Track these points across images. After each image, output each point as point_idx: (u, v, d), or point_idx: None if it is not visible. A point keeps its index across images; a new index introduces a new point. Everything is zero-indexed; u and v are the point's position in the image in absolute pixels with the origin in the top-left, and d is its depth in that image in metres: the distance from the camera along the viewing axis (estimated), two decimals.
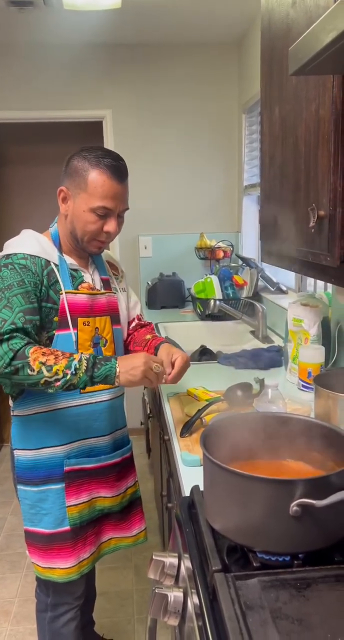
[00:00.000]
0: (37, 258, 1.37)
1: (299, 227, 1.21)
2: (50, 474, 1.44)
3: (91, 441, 1.49)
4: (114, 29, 2.96)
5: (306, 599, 0.77)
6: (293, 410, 1.43)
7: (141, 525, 1.64)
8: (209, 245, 3.34)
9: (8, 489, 3.18)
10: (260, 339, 2.44)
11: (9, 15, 2.70)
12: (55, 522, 1.45)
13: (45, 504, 1.45)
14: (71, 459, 1.45)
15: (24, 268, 1.34)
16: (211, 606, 0.79)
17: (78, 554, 1.47)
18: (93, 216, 1.37)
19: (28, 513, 1.48)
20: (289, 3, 1.19)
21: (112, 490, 1.54)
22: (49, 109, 3.34)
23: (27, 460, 1.45)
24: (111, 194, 1.36)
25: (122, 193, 1.39)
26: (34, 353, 1.26)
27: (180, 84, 3.37)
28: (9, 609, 2.26)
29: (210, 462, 0.89)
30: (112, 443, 1.54)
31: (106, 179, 1.35)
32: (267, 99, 1.44)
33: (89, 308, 1.43)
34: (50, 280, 1.38)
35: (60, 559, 1.46)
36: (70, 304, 1.39)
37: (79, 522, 1.47)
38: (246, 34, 3.14)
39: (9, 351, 1.26)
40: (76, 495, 1.46)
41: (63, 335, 1.39)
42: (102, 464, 1.51)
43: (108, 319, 1.48)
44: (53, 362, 1.25)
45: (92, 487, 1.50)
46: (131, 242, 3.52)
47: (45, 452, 1.44)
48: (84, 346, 1.42)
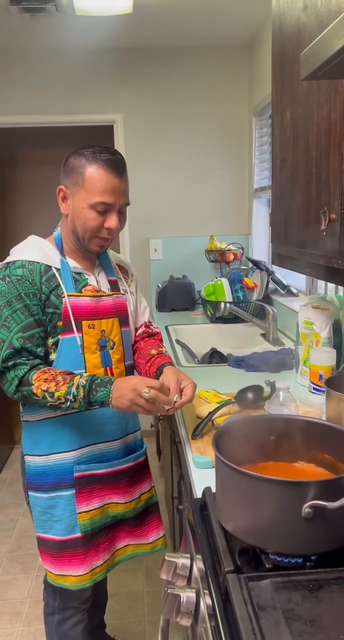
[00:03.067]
0: (36, 264, 1.35)
1: (311, 230, 1.21)
2: (60, 480, 1.42)
3: (101, 446, 1.46)
4: (124, 33, 2.98)
5: (319, 600, 0.77)
6: (304, 413, 1.43)
7: (159, 532, 1.60)
8: (220, 248, 3.35)
9: (20, 490, 3.17)
10: (271, 341, 2.44)
11: (22, 22, 2.73)
12: (67, 529, 1.43)
13: (56, 510, 1.43)
14: (81, 464, 1.43)
15: (21, 279, 1.33)
16: (224, 607, 0.80)
17: (90, 561, 1.44)
18: (93, 213, 1.34)
19: (39, 520, 1.46)
20: (301, 7, 1.20)
21: (125, 496, 1.51)
22: (61, 113, 3.37)
23: (37, 467, 1.44)
24: (109, 188, 1.32)
25: (121, 187, 1.35)
26: (37, 380, 1.29)
27: (191, 88, 3.38)
28: (20, 609, 2.28)
29: (222, 464, 0.89)
30: (123, 448, 1.51)
31: (103, 174, 1.32)
32: (278, 103, 1.45)
33: (93, 311, 1.41)
34: (50, 286, 1.36)
35: (73, 567, 1.43)
36: (73, 307, 1.37)
37: (91, 529, 1.44)
38: (256, 37, 3.15)
39: (15, 378, 1.30)
40: (87, 502, 1.43)
41: (68, 339, 1.38)
42: (113, 470, 1.48)
43: (116, 321, 1.45)
44: (54, 388, 1.28)
45: (104, 493, 1.47)
46: (141, 245, 3.53)
47: (54, 457, 1.42)
48: (91, 349, 1.40)
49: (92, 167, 1.32)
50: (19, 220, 4.70)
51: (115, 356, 1.45)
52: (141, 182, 3.33)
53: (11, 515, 2.97)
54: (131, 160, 1.44)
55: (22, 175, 4.71)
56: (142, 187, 3.37)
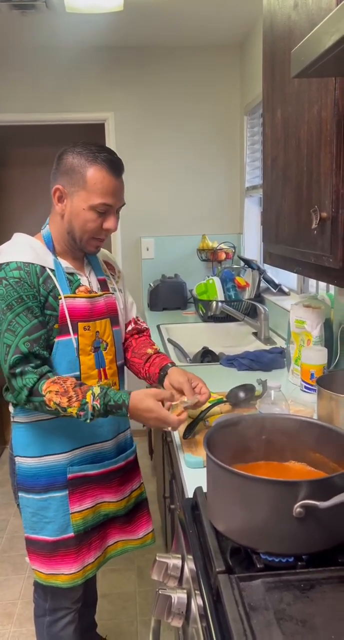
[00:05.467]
0: (32, 265, 1.32)
1: (302, 229, 1.21)
2: (53, 481, 1.41)
3: (94, 447, 1.46)
4: (116, 31, 2.97)
5: (310, 600, 0.77)
6: (296, 412, 1.43)
7: (148, 527, 1.61)
8: (211, 247, 3.35)
9: (10, 490, 3.16)
10: (262, 340, 2.44)
11: (11, 19, 2.71)
12: (59, 530, 1.42)
13: (48, 512, 1.42)
14: (74, 465, 1.42)
15: (19, 282, 1.29)
16: (215, 607, 0.79)
17: (83, 559, 1.44)
18: (93, 214, 1.33)
19: (30, 521, 1.45)
20: (291, 5, 1.19)
21: (116, 494, 1.51)
22: (51, 111, 3.35)
23: (29, 468, 1.42)
24: (110, 190, 1.33)
25: (120, 188, 1.36)
26: (47, 392, 1.26)
27: (182, 86, 3.37)
28: (11, 610, 2.26)
29: (214, 464, 0.89)
30: (115, 447, 1.52)
31: (105, 175, 1.31)
32: (269, 101, 1.44)
33: (88, 312, 1.39)
34: (47, 287, 1.33)
35: (65, 565, 1.43)
36: (69, 309, 1.35)
37: (83, 528, 1.44)
38: (247, 36, 3.15)
39: (24, 388, 1.27)
40: (80, 502, 1.43)
41: (64, 342, 1.36)
42: (106, 470, 1.48)
43: (108, 322, 1.45)
44: (66, 404, 1.26)
45: (96, 492, 1.47)
46: (133, 244, 3.52)
47: (47, 459, 1.41)
48: (85, 351, 1.39)
49: (93, 167, 1.31)
50: (7, 218, 4.66)
51: (108, 357, 1.44)
52: (132, 181, 3.31)
53: (2, 515, 2.95)
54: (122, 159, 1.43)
55: (11, 174, 4.68)
56: (134, 185, 3.35)
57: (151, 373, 1.50)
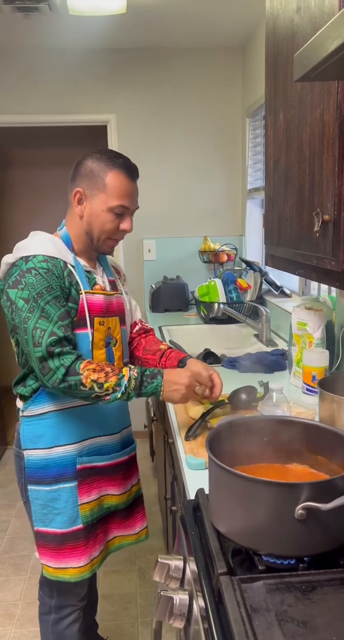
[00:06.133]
0: (57, 260, 1.39)
1: (304, 232, 1.21)
2: (62, 472, 1.45)
3: (102, 439, 1.50)
4: (118, 33, 2.98)
5: (312, 602, 0.77)
6: (298, 414, 1.43)
7: (143, 522, 1.66)
8: (213, 249, 3.35)
9: (12, 491, 3.18)
10: (264, 342, 2.44)
11: (14, 21, 2.72)
12: (69, 521, 1.46)
13: (58, 503, 1.45)
14: (83, 456, 1.47)
15: (48, 272, 1.35)
16: (217, 609, 0.80)
17: (90, 552, 1.48)
18: (111, 215, 1.41)
19: (39, 513, 1.48)
20: (294, 9, 1.20)
21: (120, 488, 1.56)
22: (54, 112, 3.36)
23: (39, 460, 1.46)
24: (128, 193, 1.41)
25: (136, 192, 1.46)
26: (85, 370, 1.31)
27: (184, 88, 3.38)
28: (12, 611, 2.26)
29: (216, 466, 0.89)
30: (121, 441, 1.57)
31: (123, 179, 1.40)
32: (271, 104, 1.45)
33: (105, 308, 1.46)
34: (71, 281, 1.40)
35: (73, 558, 1.46)
36: (88, 304, 1.42)
37: (91, 519, 1.48)
38: (249, 38, 3.15)
39: (61, 367, 1.31)
40: (88, 493, 1.47)
41: (80, 335, 1.41)
42: (113, 462, 1.53)
43: (118, 319, 1.51)
44: (104, 379, 1.31)
45: (102, 484, 1.51)
46: (135, 246, 3.53)
47: (57, 450, 1.45)
48: (98, 346, 1.45)
49: (113, 172, 1.40)
50: (12, 220, 4.67)
51: (117, 353, 1.50)
52: None
53: (3, 516, 2.96)
54: None
55: (14, 176, 4.69)
56: None
57: (169, 366, 1.55)
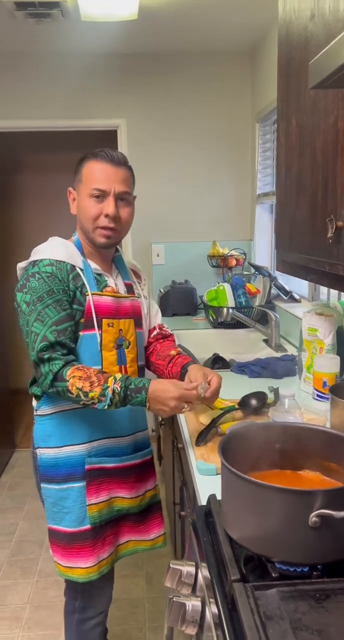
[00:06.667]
0: (63, 263, 1.40)
1: (317, 238, 1.21)
2: (71, 472, 1.46)
3: (111, 441, 1.50)
4: (129, 39, 2.99)
5: (326, 610, 0.77)
6: (308, 420, 1.43)
7: (160, 529, 1.64)
8: (222, 253, 3.35)
9: (20, 494, 3.19)
10: (273, 347, 2.44)
11: (26, 27, 2.74)
12: (77, 521, 1.47)
13: (67, 502, 1.47)
14: (92, 457, 1.47)
15: (51, 276, 1.37)
16: (230, 616, 0.79)
17: (98, 553, 1.48)
18: (91, 201, 1.41)
19: (51, 511, 1.50)
20: (308, 16, 1.20)
21: (131, 491, 1.55)
22: (65, 117, 3.38)
23: (50, 458, 1.47)
24: (103, 175, 1.40)
25: (116, 175, 1.41)
26: (71, 377, 1.31)
27: (194, 93, 3.39)
28: (20, 615, 2.27)
29: (229, 472, 0.89)
30: (133, 444, 1.55)
31: (97, 164, 1.41)
32: (283, 110, 1.45)
33: (114, 310, 1.46)
34: (76, 284, 1.41)
35: (81, 558, 1.47)
36: (95, 305, 1.42)
37: (99, 520, 1.48)
38: (259, 43, 3.16)
39: (49, 373, 1.32)
40: (97, 494, 1.47)
41: (88, 336, 1.42)
42: (123, 464, 1.52)
43: (132, 322, 1.51)
44: (88, 388, 1.31)
45: (112, 486, 1.51)
46: (144, 250, 3.53)
47: (66, 450, 1.46)
48: (108, 347, 1.45)
49: (89, 162, 1.43)
50: (24, 224, 4.70)
51: (130, 355, 1.50)
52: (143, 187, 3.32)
53: (11, 519, 2.96)
54: (133, 165, 1.49)
55: (26, 180, 4.72)
56: (145, 192, 3.37)
57: (174, 373, 1.55)
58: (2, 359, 3.58)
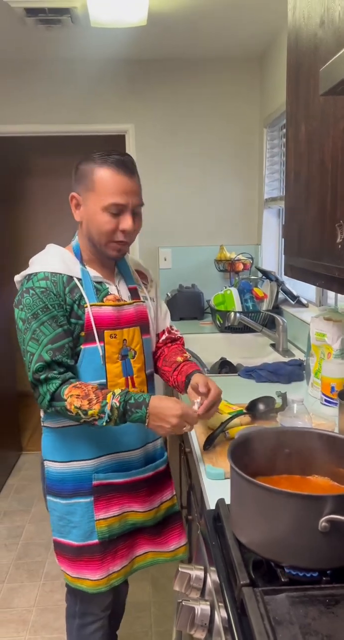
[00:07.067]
0: (59, 275, 1.34)
1: (326, 243, 1.22)
2: (78, 487, 1.43)
3: (120, 455, 1.45)
4: (138, 45, 3.01)
5: (336, 616, 0.77)
6: (317, 426, 1.43)
7: (180, 540, 1.58)
8: (229, 258, 3.36)
9: (27, 497, 3.20)
10: (280, 352, 2.43)
11: (37, 33, 2.76)
12: (84, 535, 1.43)
13: (74, 517, 1.43)
14: (100, 473, 1.43)
15: (45, 291, 1.32)
16: (240, 620, 0.80)
17: (107, 567, 1.44)
18: (106, 216, 1.33)
19: (57, 524, 1.47)
20: (318, 23, 1.21)
21: (144, 505, 1.50)
22: (74, 122, 3.40)
23: (57, 472, 1.45)
24: (120, 189, 1.32)
25: (132, 187, 1.34)
26: (69, 396, 1.28)
27: (202, 98, 3.41)
28: (26, 617, 2.27)
29: (238, 476, 0.89)
30: (143, 457, 1.50)
31: (113, 174, 1.31)
32: (292, 116, 1.45)
33: (115, 320, 1.40)
34: (73, 297, 1.35)
35: (89, 571, 1.43)
36: (95, 317, 1.36)
37: (109, 535, 1.44)
38: (267, 48, 3.17)
39: (47, 393, 1.30)
40: (105, 510, 1.43)
41: (90, 349, 1.37)
42: (132, 479, 1.47)
43: (137, 330, 1.45)
44: (87, 406, 1.27)
45: (123, 501, 1.46)
46: (151, 254, 3.55)
47: (74, 465, 1.43)
48: (112, 359, 1.39)
49: (102, 169, 1.32)
50: (32, 228, 4.73)
51: (136, 365, 1.44)
52: (151, 191, 3.34)
53: (18, 522, 2.97)
54: (141, 169, 1.45)
55: (35, 184, 4.76)
56: (153, 196, 3.38)
57: (179, 381, 1.50)
58: (9, 362, 3.60)
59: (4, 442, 3.44)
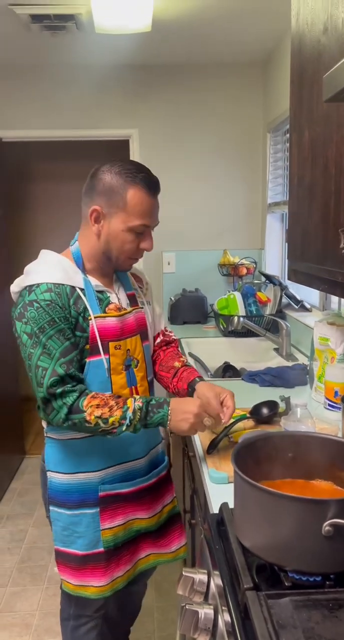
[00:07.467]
0: (62, 286, 1.30)
1: (329, 248, 1.22)
2: (84, 498, 1.41)
3: (127, 465, 1.45)
4: (142, 50, 3.03)
5: (339, 620, 0.77)
6: (320, 430, 1.43)
7: (181, 540, 1.59)
8: (233, 262, 3.36)
9: (30, 500, 3.20)
10: (284, 356, 2.44)
11: (42, 39, 2.79)
12: (89, 545, 1.42)
13: (79, 527, 1.42)
14: (106, 484, 1.42)
15: (50, 304, 1.28)
16: (243, 624, 0.80)
17: (112, 573, 1.43)
18: (131, 235, 1.34)
19: (60, 534, 1.45)
20: (321, 30, 1.22)
21: (148, 511, 1.50)
22: (78, 127, 3.42)
23: (61, 484, 1.42)
24: (149, 210, 1.34)
25: (157, 208, 1.39)
26: (88, 406, 1.27)
27: (206, 104, 3.42)
28: (30, 621, 2.27)
29: (242, 480, 0.90)
30: (148, 464, 1.50)
31: (144, 196, 1.32)
32: (296, 121, 1.46)
33: (119, 331, 1.38)
34: (78, 309, 1.32)
35: (94, 578, 1.43)
36: (100, 329, 1.34)
37: (114, 544, 1.43)
38: (271, 54, 3.19)
39: (63, 406, 1.27)
40: (111, 519, 1.42)
41: (95, 362, 1.35)
42: (137, 488, 1.46)
43: (138, 338, 1.43)
44: (108, 414, 1.27)
45: (128, 510, 1.46)
46: (155, 258, 3.55)
47: (80, 477, 1.41)
48: (117, 370, 1.38)
49: (134, 189, 1.31)
50: (35, 232, 4.75)
51: (139, 374, 1.44)
52: None
53: (21, 525, 2.97)
54: None
55: (39, 188, 4.78)
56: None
57: (180, 389, 1.49)
58: (11, 366, 3.61)
59: (7, 446, 3.45)
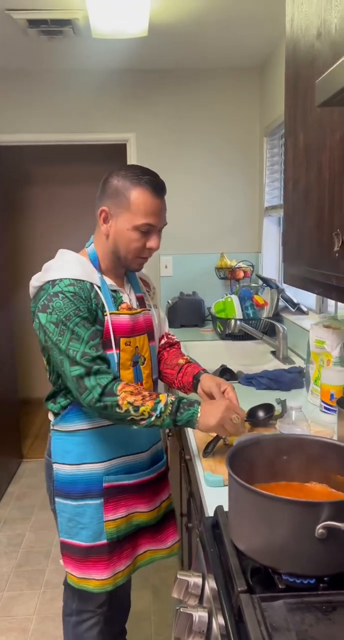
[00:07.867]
0: (83, 282, 1.38)
1: (324, 252, 1.23)
2: (89, 489, 1.46)
3: (130, 458, 1.50)
4: (139, 55, 3.04)
5: (333, 622, 0.77)
6: (316, 433, 1.43)
7: (175, 537, 1.65)
8: (230, 265, 3.37)
9: (27, 504, 3.20)
10: (281, 359, 2.44)
11: (39, 44, 2.80)
12: (93, 536, 1.47)
13: (83, 518, 1.47)
14: (110, 475, 1.47)
15: (75, 295, 1.34)
16: (237, 627, 0.80)
17: (114, 566, 1.48)
18: (137, 234, 1.40)
19: (65, 526, 1.50)
20: (315, 35, 1.22)
21: (148, 505, 1.55)
22: (76, 131, 3.43)
23: (67, 475, 1.47)
24: (153, 210, 1.40)
25: (162, 209, 1.44)
26: (122, 392, 1.31)
27: (203, 108, 3.44)
28: (26, 626, 2.26)
29: (236, 483, 0.90)
30: (150, 458, 1.56)
31: (148, 196, 1.39)
32: (291, 126, 1.47)
33: (131, 328, 1.45)
34: (98, 303, 1.39)
35: (96, 571, 1.47)
36: (114, 325, 1.41)
37: (116, 536, 1.48)
38: (268, 58, 3.20)
39: (97, 386, 1.30)
40: (114, 511, 1.47)
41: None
42: (140, 480, 1.52)
43: (146, 337, 1.50)
44: (140, 402, 1.31)
45: (130, 502, 1.51)
46: (152, 262, 3.51)
47: (85, 468, 1.46)
48: (125, 366, 1.44)
49: (138, 189, 1.38)
50: (34, 236, 4.76)
51: (145, 371, 1.50)
52: None
53: (18, 530, 2.97)
54: None
55: (37, 192, 4.79)
56: None
57: (185, 382, 1.55)
58: (10, 369, 3.61)
59: (5, 449, 3.44)
